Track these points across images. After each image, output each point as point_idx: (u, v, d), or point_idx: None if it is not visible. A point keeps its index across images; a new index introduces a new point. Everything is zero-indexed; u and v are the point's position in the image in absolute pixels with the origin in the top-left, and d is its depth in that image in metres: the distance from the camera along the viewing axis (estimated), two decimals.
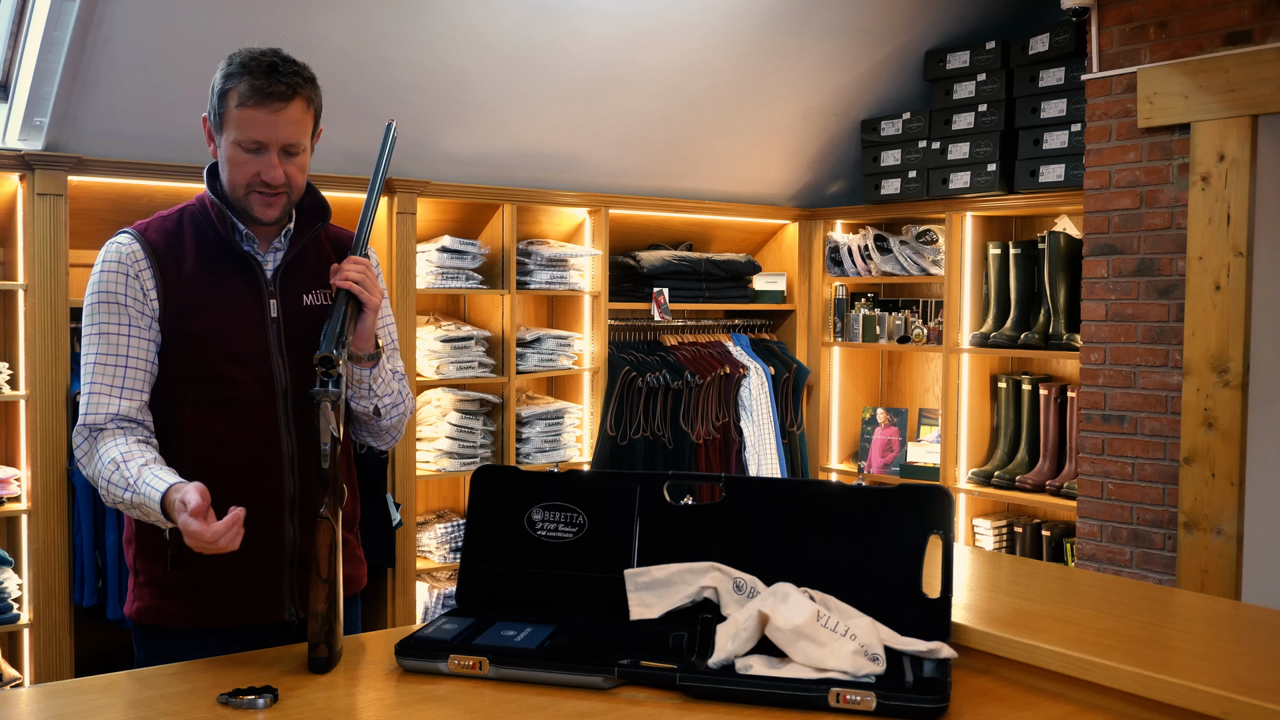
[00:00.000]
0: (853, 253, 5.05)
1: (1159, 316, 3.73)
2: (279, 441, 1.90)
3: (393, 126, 1.98)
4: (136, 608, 1.93)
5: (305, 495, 1.91)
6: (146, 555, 1.91)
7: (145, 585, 1.91)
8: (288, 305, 1.93)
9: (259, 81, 1.81)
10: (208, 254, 1.90)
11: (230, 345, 1.87)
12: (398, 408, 2.00)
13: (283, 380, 1.90)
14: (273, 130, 1.83)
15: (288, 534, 1.91)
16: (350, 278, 1.83)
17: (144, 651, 1.94)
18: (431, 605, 4.13)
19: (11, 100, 3.29)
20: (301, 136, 1.87)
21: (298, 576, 1.92)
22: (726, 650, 1.67)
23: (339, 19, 3.45)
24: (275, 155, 1.85)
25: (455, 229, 4.30)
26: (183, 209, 1.95)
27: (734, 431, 4.80)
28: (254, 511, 1.87)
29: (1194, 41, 3.61)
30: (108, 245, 1.90)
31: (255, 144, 1.83)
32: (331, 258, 1.99)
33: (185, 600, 1.89)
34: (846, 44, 4.50)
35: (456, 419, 4.15)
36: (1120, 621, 1.80)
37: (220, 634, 1.89)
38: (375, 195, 1.92)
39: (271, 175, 1.84)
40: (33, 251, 3.26)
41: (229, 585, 1.89)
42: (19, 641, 3.38)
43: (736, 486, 1.94)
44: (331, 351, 1.76)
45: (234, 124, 1.83)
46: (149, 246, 1.88)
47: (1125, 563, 3.81)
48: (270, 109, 1.81)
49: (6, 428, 3.46)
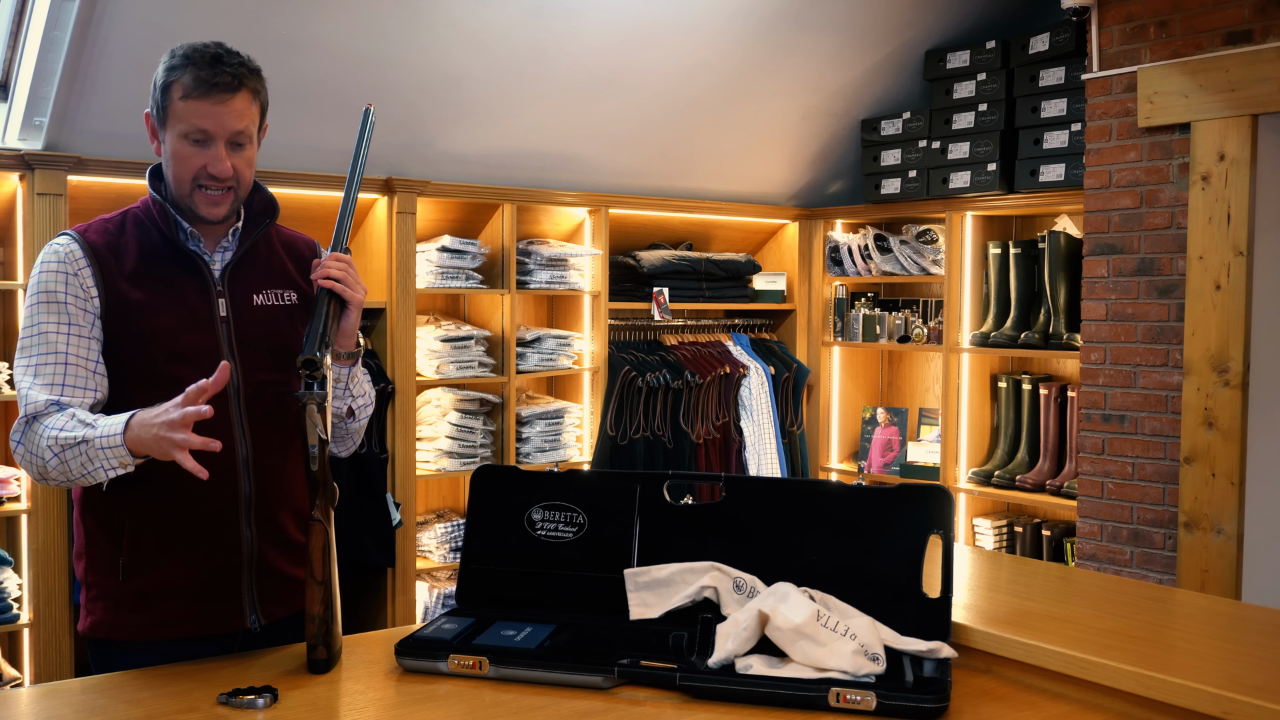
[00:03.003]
0: (853, 252, 5.05)
1: (1159, 316, 3.73)
2: (233, 443, 1.83)
3: (370, 112, 1.91)
4: (89, 623, 1.85)
5: (261, 497, 1.87)
6: (98, 568, 1.84)
7: (98, 599, 1.84)
8: (237, 304, 1.88)
9: (203, 73, 1.77)
10: (152, 253, 1.84)
11: (177, 343, 1.81)
12: (367, 409, 1.97)
13: (234, 380, 1.84)
14: (218, 121, 1.78)
15: (245, 537, 1.86)
16: (332, 275, 1.78)
17: (101, 671, 1.81)
18: (431, 605, 4.13)
19: (11, 100, 3.29)
20: (248, 126, 1.82)
21: (258, 581, 1.87)
22: (726, 650, 1.67)
23: (339, 19, 3.45)
24: (222, 147, 1.80)
25: (455, 229, 4.30)
26: (125, 212, 1.89)
27: (734, 431, 4.80)
28: (209, 514, 1.83)
29: (1194, 41, 3.61)
30: (45, 248, 1.84)
31: (201, 134, 1.78)
32: (282, 258, 1.95)
33: (139, 612, 1.81)
34: (846, 44, 4.50)
35: (456, 419, 4.15)
36: (1120, 621, 1.80)
37: (180, 645, 1.82)
38: (354, 187, 1.86)
39: (219, 168, 1.79)
40: (33, 251, 3.25)
41: (185, 594, 1.82)
42: (19, 641, 3.38)
43: (736, 486, 1.93)
44: (315, 354, 1.71)
45: (178, 116, 1.78)
46: (88, 246, 1.81)
47: (1125, 563, 3.81)
48: (215, 100, 1.77)
49: (6, 427, 3.46)
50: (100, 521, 1.84)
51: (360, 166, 1.87)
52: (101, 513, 1.83)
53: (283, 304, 1.92)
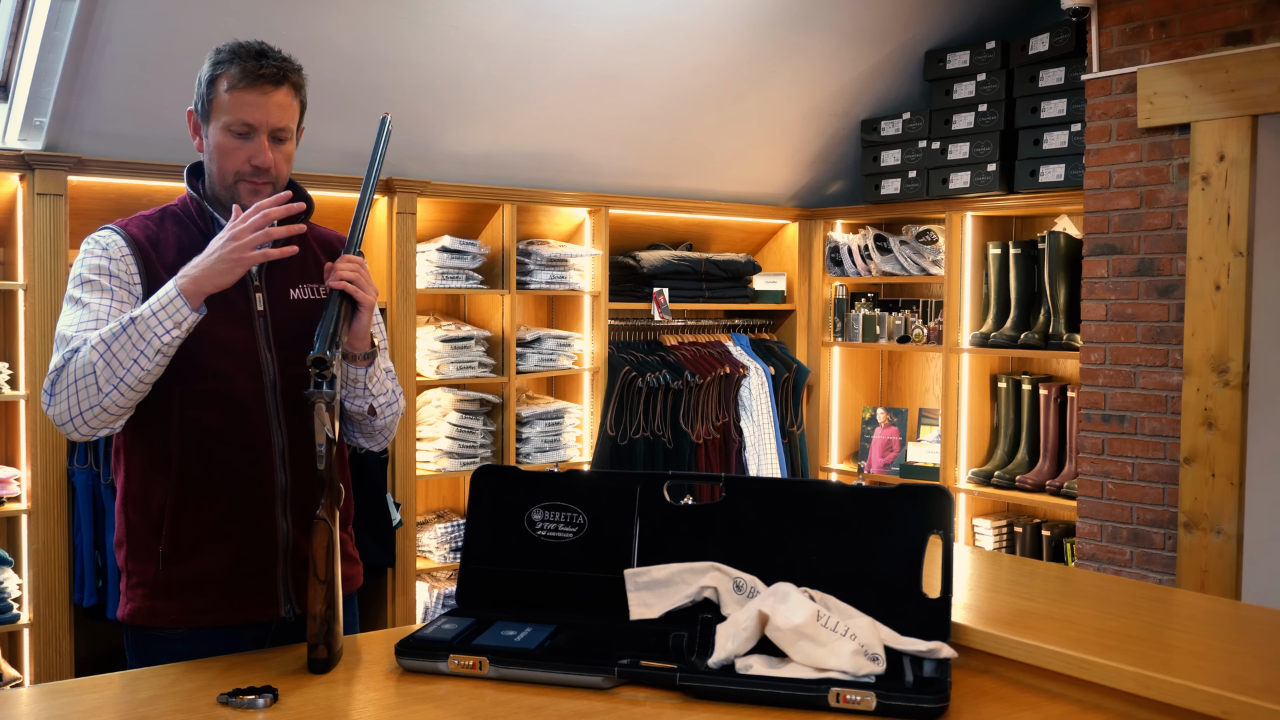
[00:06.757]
0: (853, 253, 5.05)
1: (1159, 316, 3.73)
2: (269, 434, 1.88)
3: (387, 120, 1.96)
4: (129, 610, 1.89)
5: (297, 488, 1.90)
6: (138, 556, 1.89)
7: (137, 586, 1.89)
8: (274, 299, 1.92)
9: (249, 64, 1.84)
10: (190, 249, 1.88)
11: (215, 335, 1.84)
12: (391, 407, 1.99)
13: (271, 373, 1.89)
14: (263, 112, 1.84)
15: (280, 528, 1.90)
16: (344, 276, 1.82)
17: (136, 658, 1.91)
18: (431, 605, 4.13)
19: (11, 100, 3.29)
20: (289, 122, 1.89)
21: (293, 571, 1.90)
22: (726, 650, 1.67)
23: (339, 19, 3.45)
24: (265, 139, 1.86)
25: (455, 229, 4.30)
26: (164, 209, 1.95)
27: (734, 431, 4.80)
28: (247, 505, 1.87)
29: (1194, 41, 3.61)
30: (88, 238, 1.89)
31: (245, 126, 1.84)
32: (318, 255, 1.99)
33: (178, 600, 1.86)
34: (846, 44, 4.50)
35: (456, 419, 4.15)
36: (1120, 621, 1.80)
37: (215, 634, 1.87)
38: (370, 191, 1.90)
39: (261, 159, 1.85)
40: (33, 251, 3.26)
41: (222, 583, 1.87)
42: (19, 641, 3.38)
43: (736, 486, 1.94)
44: (325, 352, 1.74)
45: (223, 109, 1.84)
46: (131, 239, 1.87)
47: (1125, 563, 3.81)
48: (260, 91, 1.84)
49: (6, 428, 3.46)
50: (140, 511, 1.88)
51: (376, 172, 1.91)
52: (141, 503, 1.88)
53: (318, 299, 1.95)
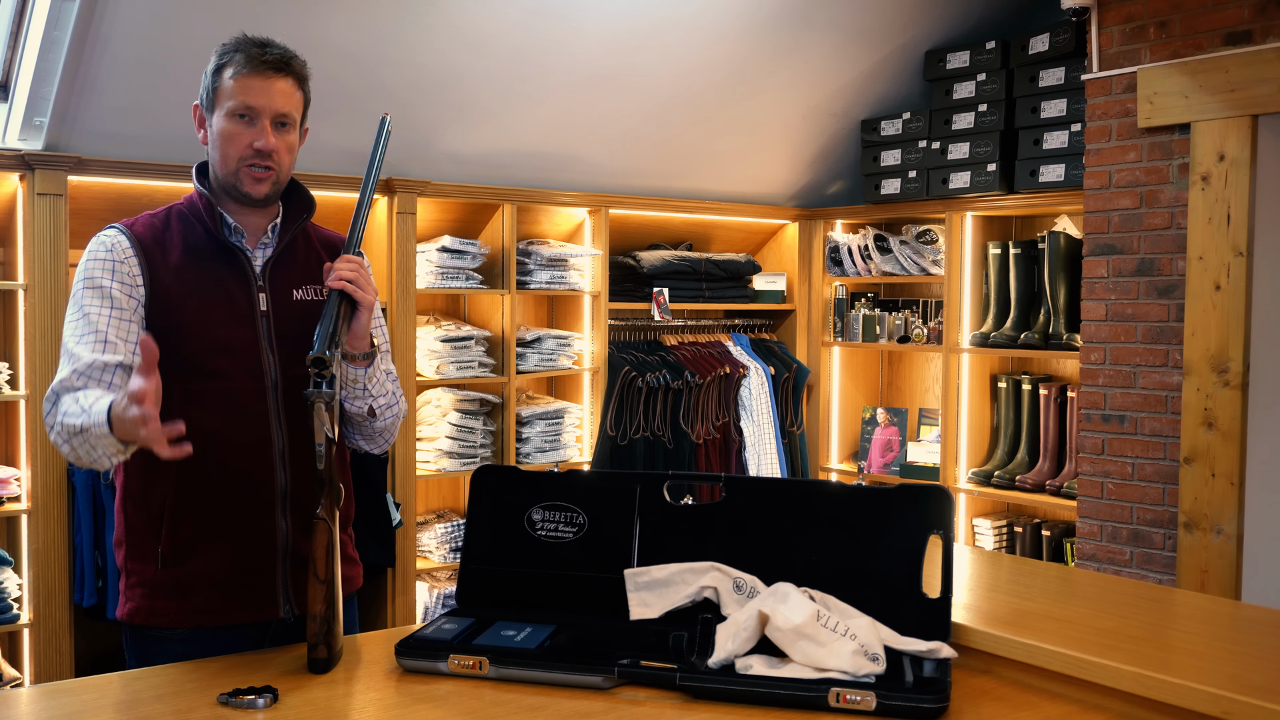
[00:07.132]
0: (853, 253, 5.05)
1: (1159, 316, 3.73)
2: (269, 434, 1.88)
3: (387, 120, 1.97)
4: (128, 609, 1.90)
5: (297, 488, 1.90)
6: (137, 555, 1.89)
7: (137, 586, 1.89)
8: (277, 299, 1.93)
9: (254, 51, 1.87)
10: (196, 248, 1.90)
11: (217, 335, 1.86)
12: (392, 409, 1.99)
13: (273, 373, 1.89)
14: (265, 97, 1.86)
15: (280, 528, 1.90)
16: (344, 276, 1.83)
17: (136, 657, 1.91)
18: (431, 605, 4.13)
19: (11, 100, 3.29)
20: (292, 109, 1.90)
21: (292, 572, 1.91)
22: (726, 650, 1.67)
23: (339, 19, 3.45)
24: (267, 123, 1.87)
25: (455, 229, 4.30)
26: (170, 208, 1.96)
27: (734, 431, 4.80)
28: (246, 505, 1.88)
29: (1194, 41, 3.61)
30: (95, 238, 1.90)
31: (248, 109, 1.86)
32: (320, 255, 1.99)
33: (177, 599, 1.86)
34: (846, 44, 4.50)
35: (456, 419, 4.15)
36: (1120, 621, 1.80)
37: (214, 634, 1.87)
38: (370, 191, 1.91)
39: (264, 143, 1.86)
40: (33, 251, 3.26)
41: (221, 583, 1.87)
42: (19, 641, 3.38)
43: (736, 486, 1.94)
44: (324, 353, 1.75)
45: (227, 95, 1.86)
46: (135, 239, 1.88)
47: (1125, 563, 3.81)
48: (264, 76, 1.86)
49: (6, 428, 3.46)
50: (139, 510, 1.88)
51: (375, 172, 1.92)
52: (141, 502, 1.88)
53: (321, 300, 1.95)
